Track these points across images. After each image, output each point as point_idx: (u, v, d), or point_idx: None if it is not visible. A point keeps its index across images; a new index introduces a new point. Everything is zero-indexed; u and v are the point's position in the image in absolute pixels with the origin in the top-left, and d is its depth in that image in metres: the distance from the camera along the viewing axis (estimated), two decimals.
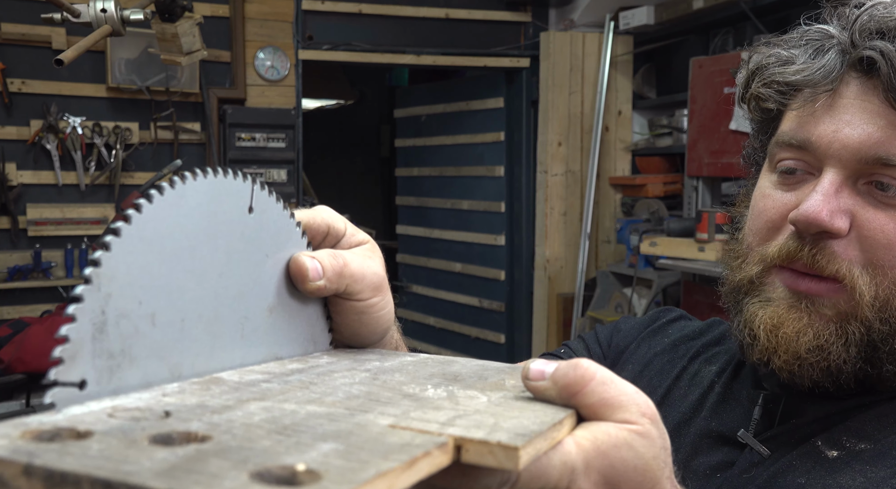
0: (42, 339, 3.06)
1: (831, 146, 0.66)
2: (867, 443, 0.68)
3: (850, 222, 0.66)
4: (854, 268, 0.66)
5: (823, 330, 0.67)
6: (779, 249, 0.68)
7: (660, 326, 0.93)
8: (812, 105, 0.67)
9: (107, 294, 0.39)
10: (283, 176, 3.82)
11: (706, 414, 0.79)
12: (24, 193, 3.47)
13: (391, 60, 4.07)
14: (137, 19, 1.87)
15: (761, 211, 0.72)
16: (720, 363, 0.84)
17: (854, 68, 0.66)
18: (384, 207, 7.48)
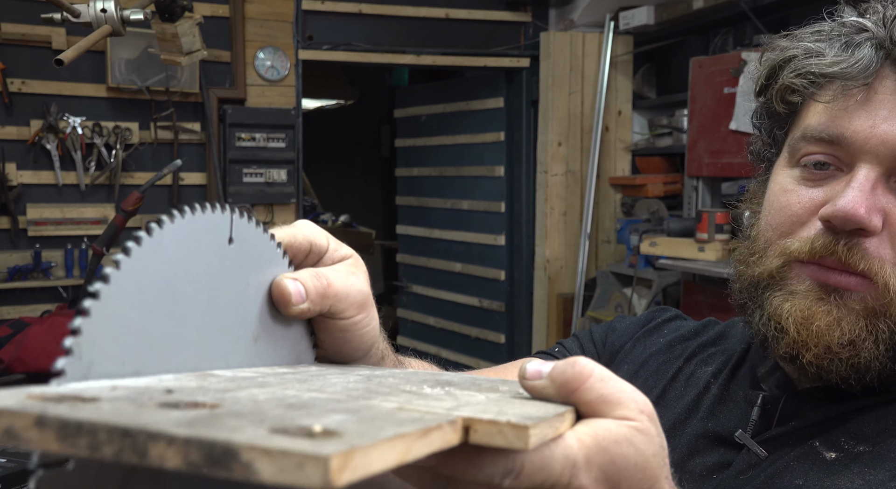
0: (42, 340, 3.06)
1: (868, 142, 0.65)
2: (866, 445, 0.67)
3: (883, 220, 0.65)
4: (886, 266, 0.65)
5: (854, 325, 0.66)
6: (808, 244, 0.67)
7: (655, 326, 0.93)
8: (846, 99, 0.66)
9: (88, 363, 0.39)
10: (283, 176, 3.82)
11: (703, 414, 0.79)
12: (24, 193, 3.47)
13: (391, 60, 4.07)
14: (137, 19, 1.87)
15: (784, 206, 0.70)
16: (716, 364, 0.83)
17: (892, 64, 0.65)
18: (384, 207, 7.48)
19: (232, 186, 3.74)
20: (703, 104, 3.15)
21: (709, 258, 2.80)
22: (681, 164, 3.67)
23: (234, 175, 3.74)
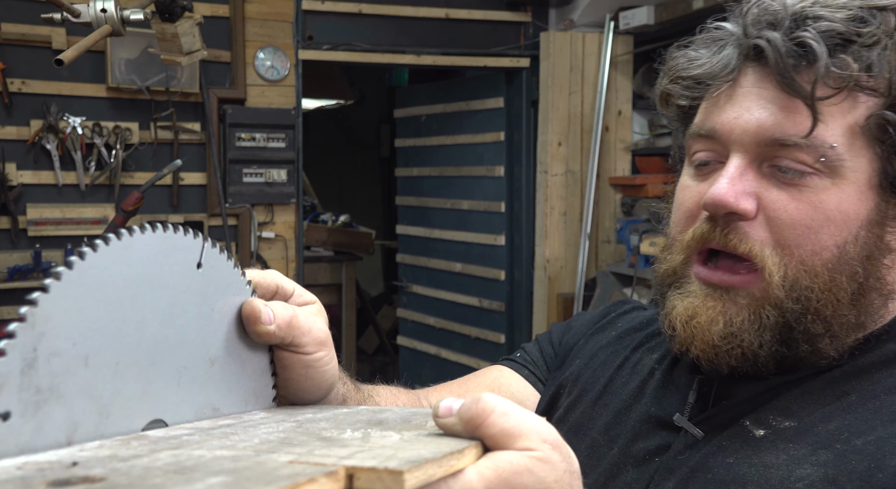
0: None
1: (733, 132, 0.70)
2: (792, 420, 0.70)
3: (757, 204, 0.69)
4: (765, 249, 0.69)
5: (736, 317, 0.70)
6: (693, 233, 0.72)
7: (609, 321, 0.97)
8: (716, 97, 0.72)
9: (40, 332, 0.42)
10: (283, 176, 3.82)
11: (647, 400, 0.82)
12: (24, 193, 3.47)
13: (391, 60, 4.07)
14: (137, 19, 1.87)
15: (681, 202, 0.76)
16: (661, 351, 0.86)
17: (749, 58, 0.70)
18: (384, 207, 7.48)
19: (232, 186, 3.74)
20: None
21: None
22: None
23: (234, 175, 3.74)
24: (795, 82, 0.66)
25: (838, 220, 0.68)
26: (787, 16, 0.68)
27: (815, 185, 0.68)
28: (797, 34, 0.67)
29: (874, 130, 0.68)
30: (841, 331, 0.70)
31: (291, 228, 3.92)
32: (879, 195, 0.70)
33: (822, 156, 0.67)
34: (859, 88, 0.67)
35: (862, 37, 0.66)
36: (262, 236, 3.85)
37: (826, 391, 0.71)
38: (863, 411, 0.68)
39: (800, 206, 0.68)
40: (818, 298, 0.69)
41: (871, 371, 0.71)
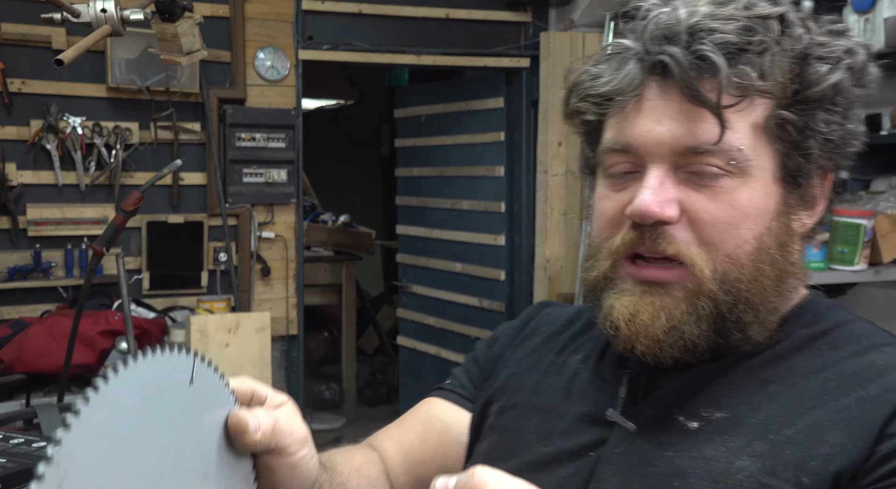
0: (42, 340, 3.05)
1: (648, 145, 0.74)
2: (723, 412, 0.74)
3: (679, 209, 0.73)
4: (691, 248, 0.73)
5: (675, 310, 0.74)
6: (622, 239, 0.76)
7: (532, 328, 1.00)
8: (625, 112, 0.75)
9: (64, 471, 0.45)
10: (283, 176, 3.82)
11: (576, 399, 0.85)
12: (24, 193, 3.47)
13: (391, 60, 4.06)
14: (137, 19, 1.86)
15: (602, 212, 0.79)
16: (585, 350, 0.90)
17: (652, 73, 0.74)
18: (384, 207, 7.48)
19: (232, 186, 3.74)
20: None
21: None
22: None
23: (234, 175, 3.74)
24: (701, 93, 0.71)
25: (753, 214, 0.74)
26: (683, 30, 0.71)
27: (727, 185, 0.73)
28: (696, 47, 0.71)
29: (773, 130, 0.74)
30: (767, 317, 0.76)
31: (291, 228, 3.92)
32: (783, 187, 0.76)
33: (732, 158, 0.72)
34: (757, 93, 0.72)
35: (753, 45, 0.71)
36: (262, 236, 3.85)
37: (749, 381, 0.76)
38: (786, 400, 0.73)
39: (718, 206, 0.73)
40: (746, 288, 0.74)
41: (786, 357, 0.77)
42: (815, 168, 0.77)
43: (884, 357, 0.74)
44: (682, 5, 0.74)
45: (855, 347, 0.76)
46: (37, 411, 2.31)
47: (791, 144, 0.75)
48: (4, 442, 1.26)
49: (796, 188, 0.77)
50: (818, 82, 0.73)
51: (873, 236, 2.44)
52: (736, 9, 0.72)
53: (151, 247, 3.65)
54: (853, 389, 0.71)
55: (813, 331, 0.79)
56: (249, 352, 3.40)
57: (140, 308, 3.51)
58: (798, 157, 0.75)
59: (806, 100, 0.74)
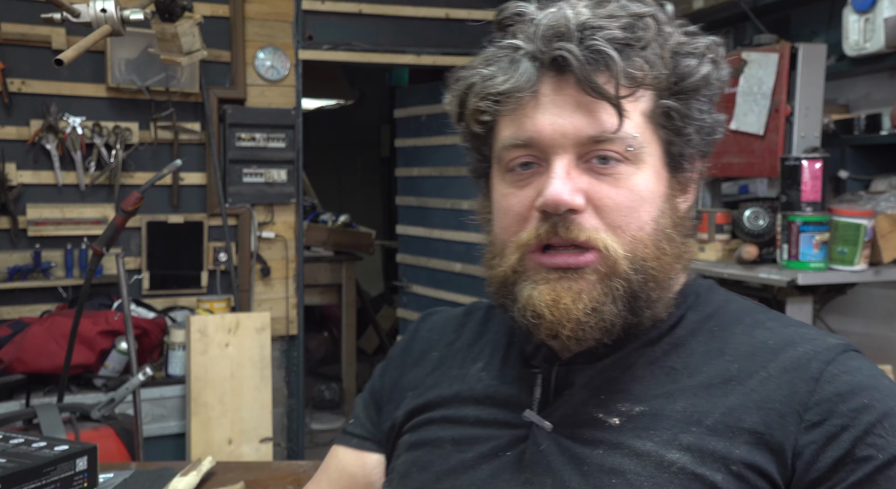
0: (42, 340, 3.05)
1: (552, 137, 0.77)
2: (640, 405, 0.78)
3: (585, 197, 0.77)
4: (600, 233, 0.77)
5: (593, 292, 0.77)
6: (534, 233, 0.78)
7: (425, 343, 1.01)
8: (523, 108, 0.79)
9: None
10: (283, 176, 3.82)
11: (487, 405, 0.86)
12: (24, 193, 3.47)
13: (391, 60, 4.06)
14: (137, 19, 1.86)
15: (507, 208, 0.81)
16: (484, 357, 0.92)
17: (547, 69, 0.78)
18: (384, 207, 7.48)
19: (232, 186, 3.74)
20: None
21: (709, 258, 2.80)
22: None
23: (234, 175, 3.74)
24: (599, 85, 0.75)
25: (649, 198, 0.79)
26: (574, 28, 0.76)
27: (625, 172, 0.78)
28: (589, 43, 0.75)
29: (659, 118, 0.80)
30: (669, 294, 0.82)
31: (291, 228, 3.92)
32: (669, 172, 0.82)
33: (629, 145, 0.78)
34: (645, 84, 0.78)
35: (638, 41, 0.77)
36: (262, 236, 3.85)
37: (656, 371, 0.80)
38: (698, 389, 0.78)
39: (620, 192, 0.78)
40: (653, 267, 0.78)
41: (684, 343, 0.82)
42: (694, 153, 0.84)
43: (771, 335, 0.81)
44: (566, 7, 0.79)
45: (741, 326, 0.82)
46: (37, 411, 2.31)
47: (674, 131, 0.81)
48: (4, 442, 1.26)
49: (678, 173, 0.83)
50: (692, 74, 0.80)
51: (873, 236, 2.44)
52: (614, 9, 0.78)
53: (151, 247, 3.65)
54: (755, 371, 0.77)
55: (701, 314, 0.84)
56: (249, 352, 3.40)
57: (140, 308, 3.51)
58: (680, 143, 0.82)
59: (684, 90, 0.80)
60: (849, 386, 0.74)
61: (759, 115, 2.72)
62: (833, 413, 0.72)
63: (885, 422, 0.71)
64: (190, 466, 1.41)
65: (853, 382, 0.74)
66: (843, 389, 0.74)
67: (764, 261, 2.61)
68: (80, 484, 1.24)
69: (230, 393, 3.35)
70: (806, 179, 2.45)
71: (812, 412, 0.73)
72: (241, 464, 1.56)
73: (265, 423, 3.41)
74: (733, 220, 2.77)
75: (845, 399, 0.73)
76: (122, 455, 2.52)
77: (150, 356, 3.39)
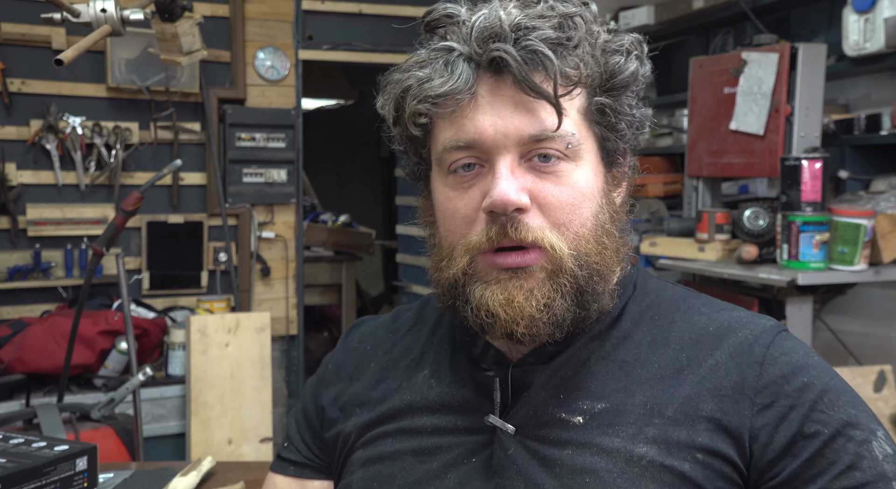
0: (42, 340, 3.05)
1: (494, 138, 0.77)
2: (601, 402, 0.80)
3: (529, 196, 0.78)
4: (546, 232, 0.78)
5: (543, 288, 0.78)
6: (484, 236, 0.78)
7: (361, 355, 0.98)
8: (462, 110, 0.78)
9: None
10: (283, 176, 3.82)
11: (444, 413, 0.86)
12: (24, 193, 3.47)
13: (391, 60, 4.06)
14: (137, 19, 1.86)
15: (453, 211, 0.81)
16: (428, 364, 0.91)
17: (484, 70, 0.78)
18: (384, 207, 7.48)
19: (232, 186, 3.74)
20: (703, 104, 3.15)
21: (709, 258, 2.80)
22: (681, 164, 3.67)
23: (234, 175, 3.74)
24: (538, 85, 0.75)
25: (589, 194, 0.80)
26: (508, 29, 0.76)
27: (565, 169, 0.79)
28: (525, 43, 0.76)
29: (594, 115, 0.81)
30: (611, 286, 0.83)
31: (291, 228, 3.92)
32: (605, 167, 0.83)
33: (569, 143, 0.78)
34: (579, 82, 0.79)
35: (569, 40, 0.78)
36: (262, 236, 3.85)
37: (609, 366, 0.82)
38: (653, 380, 0.80)
39: (563, 189, 0.79)
40: (595, 261, 0.80)
41: (630, 336, 0.84)
42: (627, 148, 0.86)
43: (709, 320, 0.84)
44: (498, 8, 0.78)
45: (679, 313, 0.86)
46: (37, 411, 2.31)
47: (608, 127, 0.82)
48: (4, 442, 1.26)
49: (613, 168, 0.85)
50: (621, 71, 0.81)
51: (873, 236, 2.44)
52: (543, 9, 0.79)
53: (151, 247, 3.65)
54: (703, 359, 0.81)
55: (642, 305, 0.87)
56: (249, 352, 3.40)
57: (140, 308, 3.51)
58: (614, 138, 0.83)
59: (615, 87, 0.81)
60: (789, 366, 0.79)
61: (759, 115, 2.72)
62: (780, 394, 0.77)
63: (824, 397, 0.77)
64: (190, 466, 1.41)
65: (792, 363, 0.79)
66: (786, 370, 0.78)
67: (764, 261, 2.61)
68: (80, 484, 1.24)
69: (230, 393, 3.35)
70: (806, 179, 2.45)
71: (761, 395, 0.77)
72: (241, 464, 1.56)
73: (265, 423, 3.41)
74: (733, 219, 2.77)
75: (788, 380, 0.78)
76: (122, 455, 2.52)
77: (150, 356, 3.39)
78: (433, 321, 0.96)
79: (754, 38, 2.89)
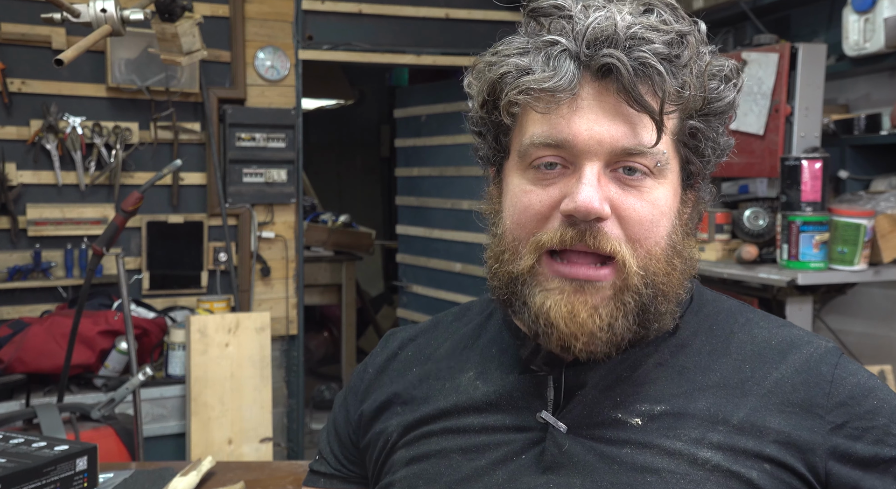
0: (42, 340, 3.05)
1: (587, 143, 0.76)
2: (661, 405, 0.79)
3: (610, 206, 0.77)
4: (622, 244, 0.77)
5: (608, 306, 0.77)
6: (557, 236, 0.77)
7: (403, 361, 0.97)
8: (559, 108, 0.76)
9: None
10: (283, 176, 3.82)
11: (492, 412, 0.85)
12: (24, 193, 3.47)
13: (391, 60, 4.06)
14: (137, 19, 1.86)
15: (527, 205, 0.79)
16: (473, 366, 0.91)
17: (590, 73, 0.76)
18: (384, 207, 7.48)
19: (232, 186, 3.74)
20: None
21: (709, 258, 2.80)
22: None
23: (234, 175, 3.74)
24: (644, 99, 0.74)
25: (667, 213, 0.80)
26: (622, 37, 0.75)
27: (649, 185, 0.78)
28: (637, 54, 0.74)
29: (684, 137, 0.80)
30: (676, 307, 0.82)
31: (291, 228, 3.92)
32: (681, 188, 0.83)
33: (658, 161, 0.78)
34: (682, 102, 0.78)
35: (679, 58, 0.77)
36: (262, 236, 3.85)
37: (667, 371, 0.82)
38: (716, 388, 0.80)
39: (644, 205, 0.78)
40: (662, 281, 0.79)
41: (688, 343, 0.84)
42: (705, 173, 0.85)
43: (770, 334, 0.84)
44: (614, 12, 0.76)
45: (737, 325, 0.86)
46: (37, 411, 2.31)
47: (694, 151, 0.82)
48: (4, 442, 1.26)
49: (689, 190, 0.84)
50: (719, 98, 0.80)
51: (873, 236, 2.44)
52: (657, 22, 0.77)
53: (151, 247, 3.65)
54: (767, 372, 0.80)
55: (699, 316, 0.87)
56: (249, 352, 3.40)
57: (140, 308, 3.51)
58: (698, 162, 0.82)
59: (711, 112, 0.80)
60: (858, 388, 0.80)
61: (759, 115, 2.72)
62: (852, 415, 0.78)
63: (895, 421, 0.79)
64: (190, 466, 1.41)
65: (860, 384, 0.80)
66: (855, 392, 0.79)
67: (764, 262, 2.61)
68: (80, 484, 1.24)
69: (230, 393, 3.35)
70: (806, 179, 2.45)
71: (833, 414, 0.78)
72: (241, 464, 1.56)
73: (265, 423, 3.41)
74: (733, 220, 2.77)
75: (859, 401, 0.79)
76: (122, 455, 2.52)
77: (150, 356, 3.39)
78: (475, 324, 0.96)
79: (754, 38, 2.89)
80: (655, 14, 0.78)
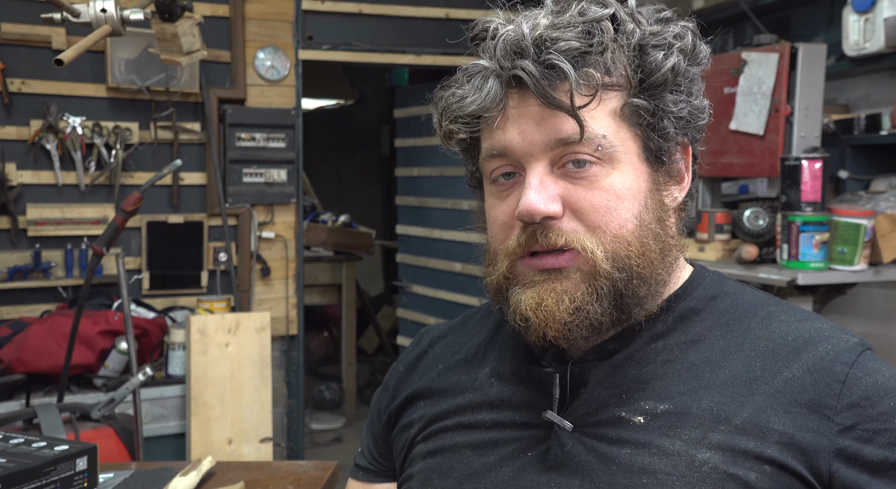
0: (42, 340, 3.05)
1: (522, 146, 0.80)
2: (664, 403, 0.79)
3: (562, 203, 0.79)
4: (580, 236, 0.79)
5: (576, 292, 0.79)
6: (516, 241, 0.81)
7: (430, 359, 1.00)
8: (493, 122, 0.81)
9: None
10: (283, 176, 3.82)
11: (503, 408, 0.87)
12: (24, 193, 3.47)
13: (391, 60, 4.06)
14: (137, 19, 1.87)
15: (494, 218, 0.84)
16: (489, 363, 0.93)
17: (510, 86, 0.80)
18: (384, 207, 7.48)
19: (232, 186, 3.74)
20: None
21: (709, 258, 2.80)
22: None
23: (234, 175, 3.74)
24: (555, 99, 0.77)
25: (628, 196, 0.80)
26: (529, 44, 0.78)
27: (599, 173, 0.80)
28: (544, 57, 0.77)
29: (630, 116, 0.81)
30: (658, 288, 0.83)
31: (291, 228, 3.92)
32: (650, 167, 0.83)
33: (599, 145, 0.79)
34: (607, 88, 0.79)
35: (594, 47, 0.78)
36: (262, 236, 3.85)
37: (676, 368, 0.81)
38: (723, 386, 0.79)
39: (595, 193, 0.79)
40: (637, 264, 0.80)
41: (701, 339, 0.83)
42: (674, 145, 0.85)
43: (789, 329, 0.82)
44: (524, 21, 0.80)
45: (756, 319, 0.84)
46: (37, 411, 2.31)
47: (648, 127, 0.82)
48: (4, 442, 1.26)
49: (661, 165, 0.84)
50: (658, 69, 0.80)
51: (873, 236, 2.44)
52: (572, 16, 0.80)
53: (151, 247, 3.65)
54: (778, 370, 0.79)
55: (714, 309, 0.86)
56: (249, 352, 3.40)
57: (140, 308, 3.51)
58: (657, 137, 0.82)
59: (652, 86, 0.81)
60: (874, 389, 0.77)
61: (758, 115, 2.72)
62: (864, 417, 0.75)
63: None
64: (190, 466, 1.41)
65: (878, 385, 0.77)
66: (870, 393, 0.76)
67: (764, 262, 2.61)
68: (80, 484, 1.24)
69: (230, 393, 3.35)
70: (806, 179, 2.45)
71: (842, 416, 0.75)
72: (241, 464, 1.56)
73: (265, 423, 3.42)
74: (733, 220, 2.77)
75: (874, 403, 0.76)
76: (122, 455, 2.52)
77: (150, 356, 3.39)
78: (497, 320, 0.97)
79: (754, 38, 2.89)
80: (576, 9, 0.80)
